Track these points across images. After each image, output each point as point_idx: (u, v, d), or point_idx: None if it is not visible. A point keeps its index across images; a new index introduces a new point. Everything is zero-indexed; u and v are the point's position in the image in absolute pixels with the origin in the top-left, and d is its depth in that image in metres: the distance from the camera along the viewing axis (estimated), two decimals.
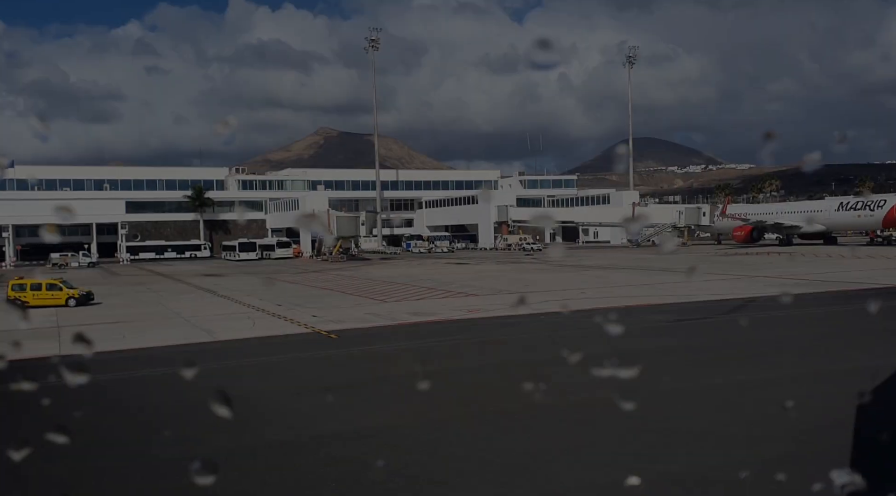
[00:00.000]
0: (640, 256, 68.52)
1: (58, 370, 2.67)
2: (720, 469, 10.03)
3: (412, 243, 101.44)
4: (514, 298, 33.25)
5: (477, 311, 28.62)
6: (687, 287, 35.52)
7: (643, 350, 19.49)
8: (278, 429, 13.00)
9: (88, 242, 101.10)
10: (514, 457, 11.17)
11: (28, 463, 8.04)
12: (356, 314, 28.94)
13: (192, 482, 2.75)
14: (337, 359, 19.98)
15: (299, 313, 29.36)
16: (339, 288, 41.68)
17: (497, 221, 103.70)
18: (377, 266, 65.06)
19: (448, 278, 46.83)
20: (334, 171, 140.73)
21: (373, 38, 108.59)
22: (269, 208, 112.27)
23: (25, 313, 3.37)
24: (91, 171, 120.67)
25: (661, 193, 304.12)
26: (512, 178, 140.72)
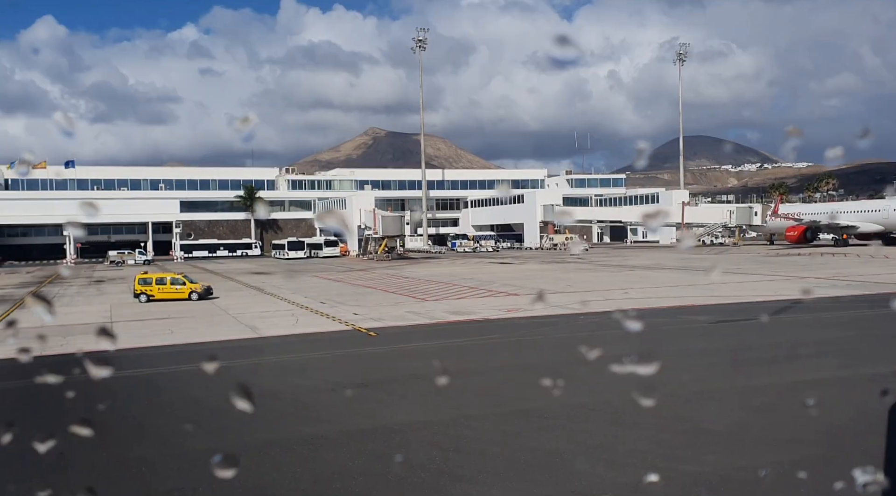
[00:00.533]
0: (687, 256, 67.39)
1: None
2: (743, 470, 10.00)
3: (457, 242, 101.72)
4: (553, 298, 33.20)
5: (515, 311, 28.68)
6: (733, 288, 34.91)
7: (678, 351, 19.42)
8: (311, 423, 13.39)
9: (145, 241, 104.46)
10: (538, 455, 11.29)
11: (78, 450, 8.56)
12: (396, 312, 29.33)
13: (214, 474, 2.78)
14: (373, 357, 20.34)
15: (341, 311, 29.92)
16: (381, 286, 42.21)
17: (543, 221, 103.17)
18: (421, 265, 65.53)
19: (490, 277, 46.94)
20: (381, 171, 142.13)
21: (419, 39, 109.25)
22: (318, 208, 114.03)
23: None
24: (147, 172, 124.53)
25: (714, 192, 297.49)
26: (559, 177, 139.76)
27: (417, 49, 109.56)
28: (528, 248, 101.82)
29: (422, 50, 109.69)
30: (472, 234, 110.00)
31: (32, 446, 2.64)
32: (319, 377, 17.63)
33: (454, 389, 15.83)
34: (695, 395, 14.43)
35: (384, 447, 11.83)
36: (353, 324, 25.96)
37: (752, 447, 11.06)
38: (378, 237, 77.59)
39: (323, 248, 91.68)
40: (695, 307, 28.39)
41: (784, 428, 11.59)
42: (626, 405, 13.67)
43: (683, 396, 14.43)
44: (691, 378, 16.12)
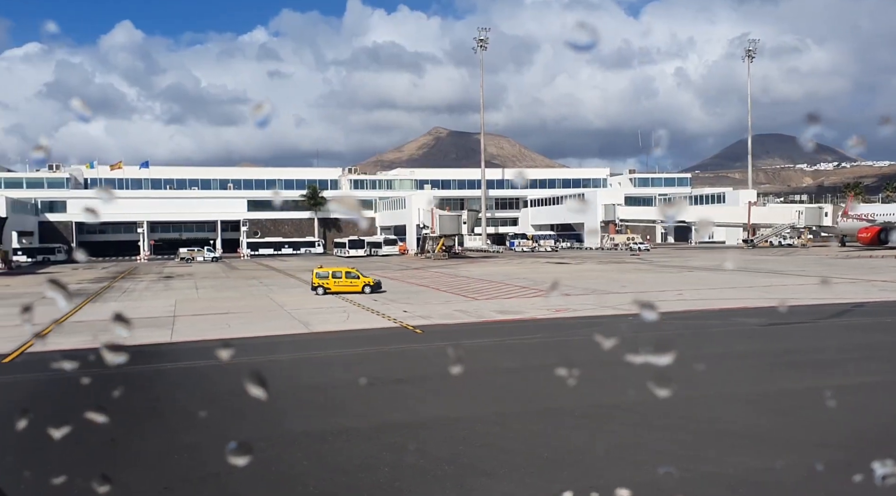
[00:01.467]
0: (751, 257, 65.55)
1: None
2: (763, 471, 9.97)
3: (515, 242, 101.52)
4: (605, 299, 32.98)
5: (564, 311, 28.67)
6: (793, 290, 33.95)
7: (721, 353, 19.18)
8: (347, 416, 13.87)
9: (214, 238, 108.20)
10: (559, 452, 11.47)
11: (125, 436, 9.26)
12: (444, 310, 29.72)
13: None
14: (416, 353, 20.76)
15: (392, 308, 30.52)
16: (434, 285, 42.72)
17: (604, 220, 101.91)
18: (477, 264, 65.79)
19: (544, 277, 46.85)
20: (441, 171, 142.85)
21: (481, 38, 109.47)
22: (379, 207, 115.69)
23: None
24: (217, 172, 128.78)
25: (787, 192, 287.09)
26: (622, 176, 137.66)
27: (479, 49, 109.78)
28: (588, 248, 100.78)
29: (483, 49, 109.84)
30: (531, 234, 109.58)
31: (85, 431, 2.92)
32: (361, 372, 18.15)
33: (488, 386, 16.15)
34: (728, 397, 14.31)
35: (414, 441, 12.20)
36: (401, 321, 26.48)
37: (776, 449, 10.95)
38: (436, 236, 78.23)
39: (382, 246, 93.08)
40: (748, 309, 27.78)
41: (813, 431, 11.43)
42: (656, 406, 13.68)
43: (716, 398, 14.35)
44: (728, 380, 15.97)
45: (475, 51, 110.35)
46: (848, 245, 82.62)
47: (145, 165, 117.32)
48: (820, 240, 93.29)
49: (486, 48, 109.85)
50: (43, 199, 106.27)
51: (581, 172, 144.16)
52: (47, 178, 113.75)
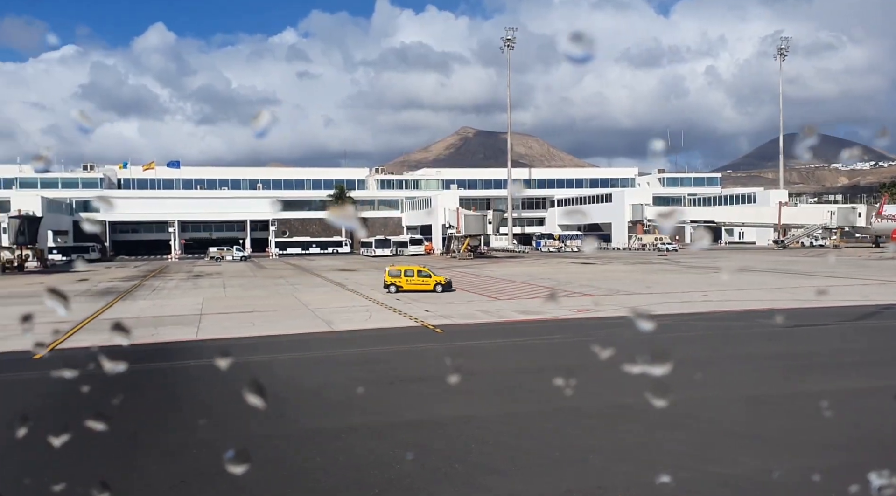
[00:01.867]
0: (781, 258, 64.58)
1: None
2: (770, 472, 9.91)
3: (542, 242, 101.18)
4: (628, 299, 32.81)
5: (586, 311, 28.58)
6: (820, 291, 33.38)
7: (740, 354, 19.02)
8: (362, 414, 14.04)
9: (243, 238, 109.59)
10: (570, 452, 11.50)
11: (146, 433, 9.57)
12: (466, 310, 29.82)
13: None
14: (435, 353, 20.89)
15: (414, 308, 30.70)
16: (457, 285, 42.78)
17: (631, 220, 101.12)
18: (501, 264, 65.76)
19: (568, 277, 46.70)
20: (467, 171, 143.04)
21: (508, 38, 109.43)
22: (405, 207, 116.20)
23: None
24: (246, 172, 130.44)
25: (821, 192, 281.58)
26: (650, 175, 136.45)
27: (506, 48, 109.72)
28: (615, 248, 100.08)
29: (510, 49, 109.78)
30: (557, 234, 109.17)
31: (108, 427, 3.05)
32: (380, 370, 18.34)
33: (503, 386, 16.24)
34: (743, 399, 14.21)
35: (425, 438, 12.34)
36: (422, 320, 26.64)
37: (786, 451, 10.88)
38: (461, 236, 78.36)
39: (408, 246, 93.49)
40: (773, 310, 27.43)
41: (824, 433, 11.30)
42: (669, 407, 13.63)
43: (730, 399, 14.27)
44: (744, 382, 15.85)
45: (502, 50, 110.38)
46: (882, 246, 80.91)
47: (176, 165, 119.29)
48: (853, 241, 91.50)
49: (513, 48, 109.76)
50: (77, 198, 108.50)
51: (609, 172, 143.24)
52: (82, 178, 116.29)
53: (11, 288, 48.09)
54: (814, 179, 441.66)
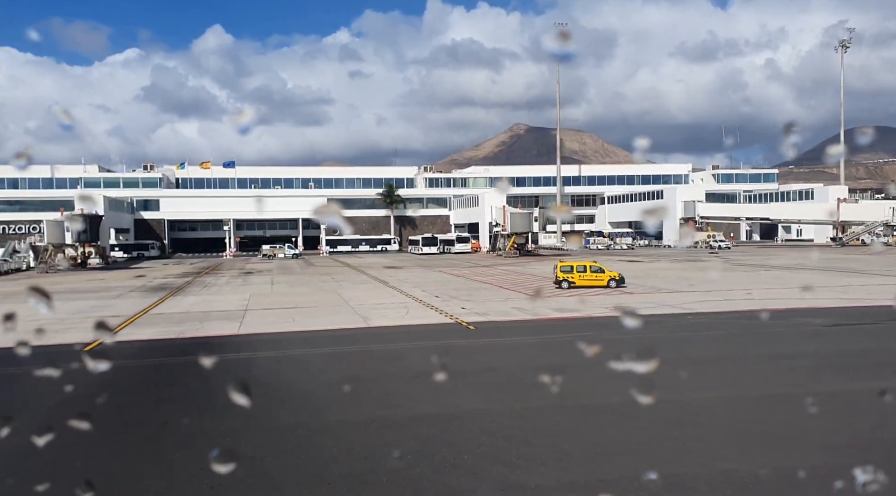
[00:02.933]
0: (837, 256, 62.55)
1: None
2: (780, 470, 9.95)
3: (591, 240, 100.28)
4: (668, 297, 32.47)
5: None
6: (869, 290, 32.45)
7: (772, 354, 18.71)
8: (383, 407, 14.47)
9: (296, 236, 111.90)
10: (582, 446, 11.69)
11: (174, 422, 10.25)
12: (502, 308, 30.03)
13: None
14: (463, 349, 21.21)
15: (451, 305, 31.07)
16: (498, 282, 43.01)
17: (683, 217, 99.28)
18: (546, 262, 65.51)
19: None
20: (516, 168, 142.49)
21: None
22: (453, 205, 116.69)
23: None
24: (299, 171, 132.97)
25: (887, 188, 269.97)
26: (704, 171, 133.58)
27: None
28: (666, 246, 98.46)
29: None
30: (607, 231, 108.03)
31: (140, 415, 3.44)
32: (407, 365, 18.76)
33: (527, 382, 16.42)
34: (767, 398, 14.11)
35: (440, 431, 12.69)
36: (457, 317, 26.99)
37: (801, 449, 10.85)
38: (507, 233, 78.35)
39: (455, 244, 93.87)
40: (816, 309, 26.81)
41: (845, 433, 11.21)
42: (690, 404, 13.70)
43: (754, 398, 14.18)
44: (773, 380, 15.70)
45: None
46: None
47: (231, 165, 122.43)
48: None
49: None
50: (138, 197, 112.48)
51: (661, 168, 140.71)
52: (142, 177, 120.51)
53: (74, 283, 50.38)
54: (881, 175, 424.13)
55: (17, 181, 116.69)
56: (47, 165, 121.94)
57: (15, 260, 72.27)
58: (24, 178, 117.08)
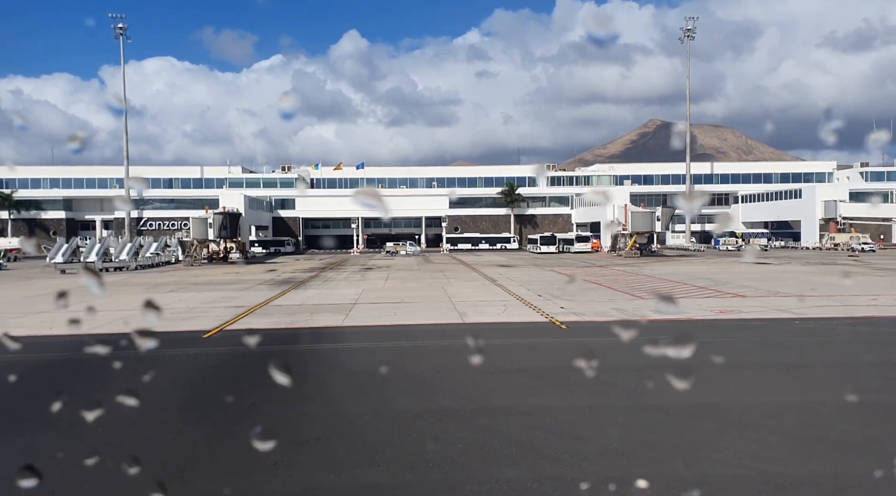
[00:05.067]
0: None
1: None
2: (832, 477, 9.63)
3: (721, 240, 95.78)
4: (780, 302, 30.82)
5: (729, 312, 27.44)
6: None
7: (870, 361, 17.51)
8: (452, 399, 15.06)
9: (419, 234, 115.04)
10: (632, 445, 11.71)
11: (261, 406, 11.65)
12: (601, 308, 29.75)
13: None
14: (549, 347, 21.40)
15: (551, 304, 31.15)
16: (607, 283, 42.39)
17: (823, 218, 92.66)
18: (667, 263, 63.54)
19: (729, 277, 44.35)
20: (643, 165, 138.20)
21: (688, 28, 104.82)
22: (575, 203, 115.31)
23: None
24: (423, 171, 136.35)
25: None
26: (851, 169, 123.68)
27: (686, 38, 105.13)
28: (804, 248, 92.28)
29: (690, 39, 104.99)
30: (740, 232, 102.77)
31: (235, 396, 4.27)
32: (488, 361, 19.20)
33: (600, 381, 16.44)
34: (848, 405, 13.41)
35: (497, 424, 13.09)
36: (552, 316, 27.10)
37: (863, 458, 10.37)
38: (627, 233, 76.57)
39: (574, 243, 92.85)
40: None
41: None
42: (759, 408, 13.33)
43: (834, 405, 13.55)
44: (860, 388, 14.85)
45: (681, 41, 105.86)
46: None
47: (361, 166, 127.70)
48: None
49: (693, 38, 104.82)
50: (276, 197, 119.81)
51: (802, 166, 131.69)
52: (280, 178, 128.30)
53: (212, 276, 54.81)
54: None
55: (171, 181, 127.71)
56: (198, 166, 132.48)
57: (166, 254, 79.34)
58: (177, 178, 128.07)
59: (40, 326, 24.90)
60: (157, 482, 3.55)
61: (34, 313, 30.09)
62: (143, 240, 79.68)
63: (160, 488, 3.77)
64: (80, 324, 3.35)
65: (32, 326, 25.38)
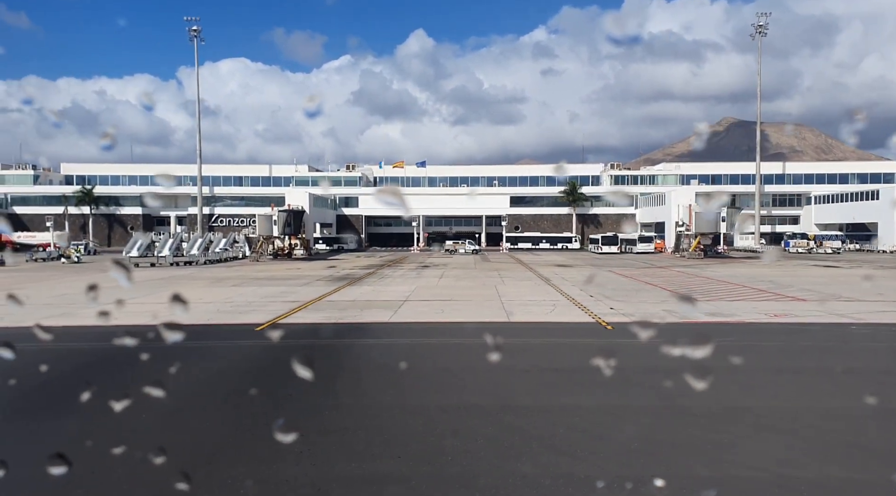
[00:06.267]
0: None
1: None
2: (863, 484, 9.45)
3: (791, 242, 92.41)
4: (841, 307, 29.72)
5: (782, 316, 26.69)
6: None
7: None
8: (482, 396, 15.26)
9: (479, 232, 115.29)
10: (653, 445, 11.68)
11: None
12: (651, 310, 29.34)
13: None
14: (589, 347, 21.30)
15: (601, 305, 30.91)
16: (664, 284, 41.67)
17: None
18: (730, 265, 61.84)
19: (793, 281, 42.90)
20: (711, 165, 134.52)
21: (760, 24, 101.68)
22: (640, 203, 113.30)
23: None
24: (484, 170, 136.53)
25: None
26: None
27: (758, 35, 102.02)
28: (880, 251, 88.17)
29: (762, 35, 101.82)
30: (812, 234, 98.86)
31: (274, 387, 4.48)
32: (525, 359, 19.33)
33: (633, 382, 16.37)
34: (885, 413, 13.00)
35: (522, 421, 13.24)
36: (599, 317, 26.93)
37: (889, 465, 10.09)
38: (691, 234, 74.80)
39: (637, 243, 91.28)
40: None
41: None
42: (793, 411, 13.10)
43: (869, 412, 13.17)
44: (884, 395, 14.36)
45: (753, 38, 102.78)
46: None
47: (422, 165, 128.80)
48: None
49: (765, 34, 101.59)
50: (340, 195, 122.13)
51: (881, 166, 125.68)
52: (344, 176, 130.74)
53: (275, 271, 56.47)
54: None
55: (241, 179, 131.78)
56: (266, 165, 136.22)
57: (234, 249, 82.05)
58: (246, 176, 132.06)
59: (84, 318, 26.30)
60: (182, 468, 3.80)
61: (76, 305, 31.74)
62: (212, 236, 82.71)
63: (184, 476, 4.03)
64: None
65: (79, 318, 26.83)
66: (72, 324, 24.74)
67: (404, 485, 10.08)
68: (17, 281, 47.01)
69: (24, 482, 8.41)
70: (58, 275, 53.14)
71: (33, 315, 26.33)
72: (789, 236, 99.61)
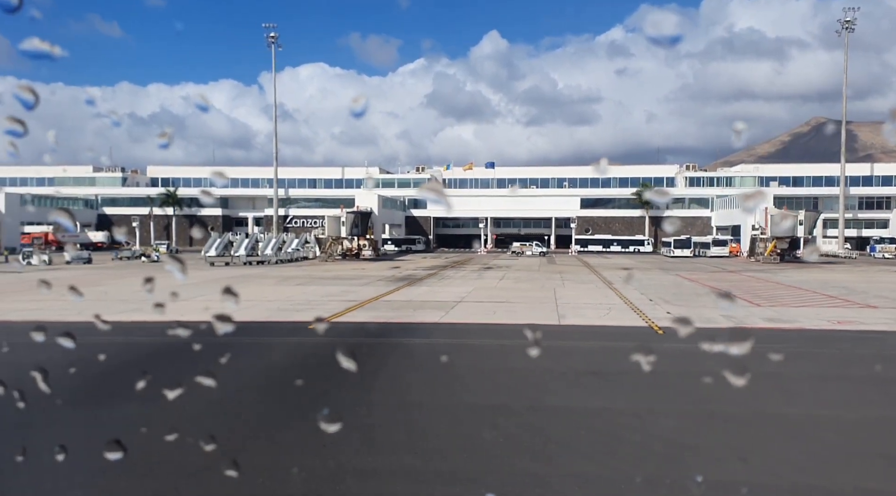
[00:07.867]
0: None
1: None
2: (860, 490, 9.15)
3: (878, 247, 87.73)
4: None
5: (847, 324, 25.58)
6: None
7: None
8: (514, 396, 15.33)
9: (548, 234, 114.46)
10: (675, 448, 11.55)
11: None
12: (710, 314, 28.55)
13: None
14: (633, 351, 21.03)
15: (658, 309, 30.36)
16: (730, 288, 40.43)
17: None
18: (806, 270, 59.27)
19: (868, 287, 40.85)
20: (792, 166, 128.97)
21: (847, 20, 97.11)
22: (716, 205, 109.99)
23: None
24: (554, 171, 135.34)
25: None
26: None
27: (844, 31, 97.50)
28: None
29: (849, 32, 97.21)
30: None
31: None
32: (567, 362, 19.27)
33: (669, 386, 16.13)
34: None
35: (545, 422, 13.29)
36: (653, 321, 26.49)
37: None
38: (766, 237, 72.14)
39: (710, 247, 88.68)
40: None
41: None
42: (825, 419, 12.71)
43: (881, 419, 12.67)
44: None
45: (838, 34, 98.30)
46: None
47: (491, 166, 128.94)
48: None
49: (852, 30, 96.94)
50: (410, 197, 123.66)
51: None
52: (413, 178, 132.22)
53: (340, 271, 57.82)
54: None
55: (315, 181, 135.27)
56: (339, 168, 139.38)
57: (305, 249, 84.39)
58: (320, 178, 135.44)
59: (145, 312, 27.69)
60: (212, 452, 3.84)
61: (144, 301, 33.38)
62: (286, 236, 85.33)
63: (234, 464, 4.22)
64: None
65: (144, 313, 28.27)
66: (138, 319, 26.20)
67: (413, 478, 10.36)
68: (101, 277, 49.98)
69: (82, 466, 9.13)
70: (138, 272, 56.09)
71: (109, 309, 28.04)
72: (876, 241, 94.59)
